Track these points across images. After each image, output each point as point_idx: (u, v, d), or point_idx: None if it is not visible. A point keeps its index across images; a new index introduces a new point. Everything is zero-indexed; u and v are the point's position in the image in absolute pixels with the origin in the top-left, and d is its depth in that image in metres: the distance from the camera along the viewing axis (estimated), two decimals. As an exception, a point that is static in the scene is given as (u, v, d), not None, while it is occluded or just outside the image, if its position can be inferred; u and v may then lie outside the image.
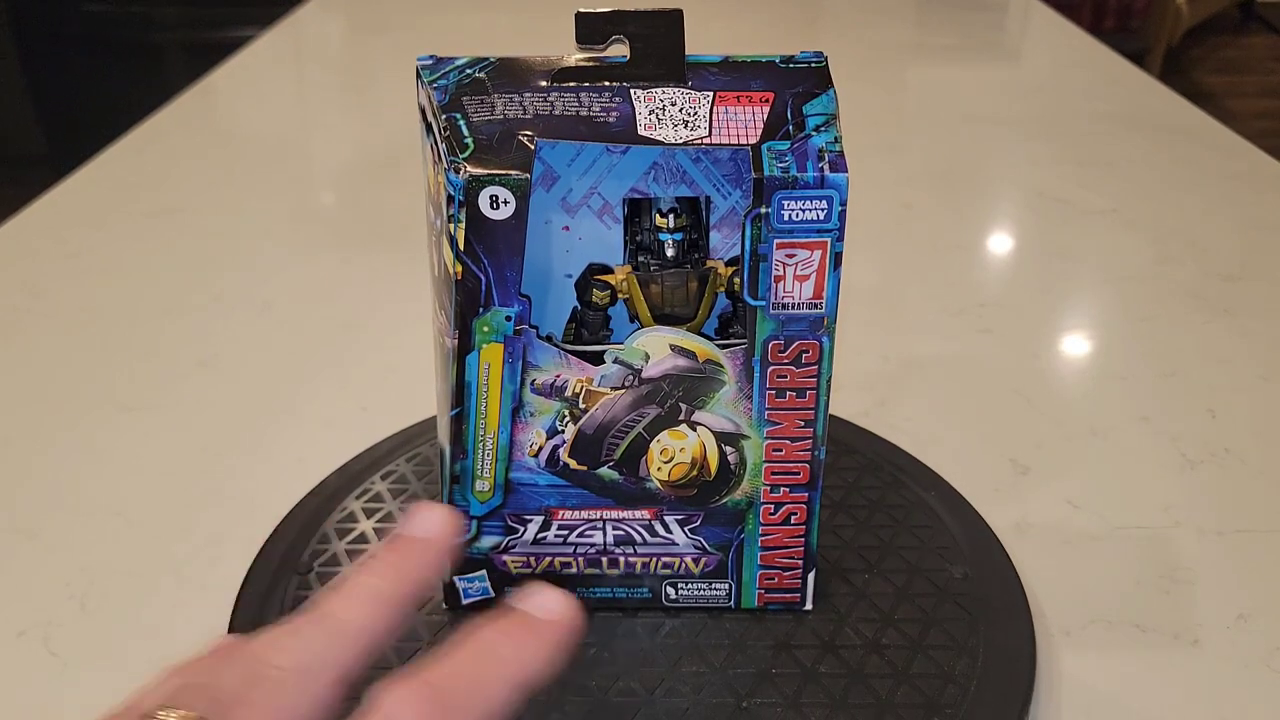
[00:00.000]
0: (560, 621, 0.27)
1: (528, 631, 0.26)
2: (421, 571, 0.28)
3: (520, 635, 0.26)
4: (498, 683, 0.25)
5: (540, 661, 0.26)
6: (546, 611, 0.27)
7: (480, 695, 0.25)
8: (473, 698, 0.24)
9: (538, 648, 0.26)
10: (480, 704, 0.25)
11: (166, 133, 1.04)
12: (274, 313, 0.72)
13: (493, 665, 0.25)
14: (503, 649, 0.26)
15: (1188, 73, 3.38)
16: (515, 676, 0.25)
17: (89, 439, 0.59)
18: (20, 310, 0.72)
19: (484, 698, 0.25)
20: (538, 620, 0.27)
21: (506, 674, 0.25)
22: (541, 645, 0.26)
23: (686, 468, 0.40)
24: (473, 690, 0.25)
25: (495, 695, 0.25)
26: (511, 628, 0.26)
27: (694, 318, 0.39)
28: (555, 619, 0.27)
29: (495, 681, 0.25)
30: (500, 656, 0.26)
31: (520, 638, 0.26)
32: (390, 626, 0.27)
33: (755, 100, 0.37)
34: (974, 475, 0.54)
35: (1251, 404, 0.60)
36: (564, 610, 0.27)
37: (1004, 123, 1.05)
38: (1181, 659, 0.44)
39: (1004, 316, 0.70)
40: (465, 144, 0.35)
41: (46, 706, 0.43)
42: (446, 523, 0.29)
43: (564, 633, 0.27)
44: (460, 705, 0.24)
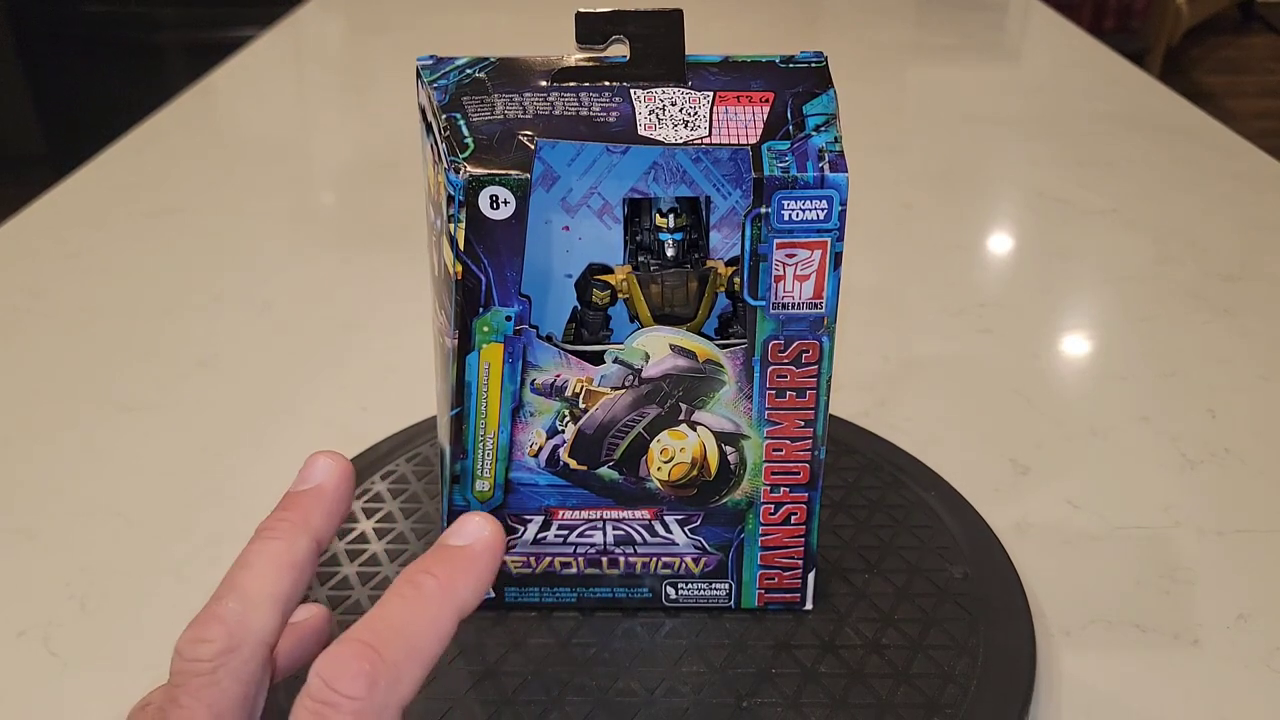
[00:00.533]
0: (479, 544, 0.27)
1: (449, 562, 0.26)
2: (316, 523, 0.28)
3: (443, 567, 0.26)
4: (427, 620, 0.25)
5: (468, 588, 0.26)
6: (466, 538, 0.27)
7: (412, 636, 0.25)
8: (406, 641, 0.25)
9: (463, 576, 0.26)
10: (414, 645, 0.25)
11: (166, 133, 1.04)
12: (274, 313, 0.72)
13: (419, 605, 0.25)
14: (427, 585, 0.26)
15: (1188, 73, 3.38)
16: (444, 611, 0.26)
17: (89, 439, 0.59)
18: (20, 310, 0.72)
19: (416, 638, 0.25)
20: (459, 549, 0.27)
21: (435, 610, 0.25)
22: (466, 572, 0.26)
23: (686, 468, 0.40)
24: (404, 634, 0.25)
25: (427, 633, 0.25)
26: (433, 563, 0.26)
27: (694, 318, 0.39)
28: (475, 543, 0.27)
29: (425, 620, 0.25)
30: (426, 594, 0.26)
31: (443, 570, 0.26)
32: (297, 586, 0.27)
33: (755, 100, 0.37)
34: (974, 475, 0.54)
35: (1251, 404, 0.61)
36: (482, 532, 0.27)
37: (1004, 123, 1.05)
38: (1181, 659, 0.44)
39: (1004, 316, 0.70)
40: (465, 144, 0.35)
41: (46, 706, 0.43)
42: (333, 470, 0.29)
43: (487, 554, 0.27)
44: (395, 652, 0.24)
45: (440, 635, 0.25)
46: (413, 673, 0.24)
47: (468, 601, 0.26)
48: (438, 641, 0.25)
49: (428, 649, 0.25)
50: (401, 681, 0.24)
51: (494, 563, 0.27)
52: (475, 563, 0.27)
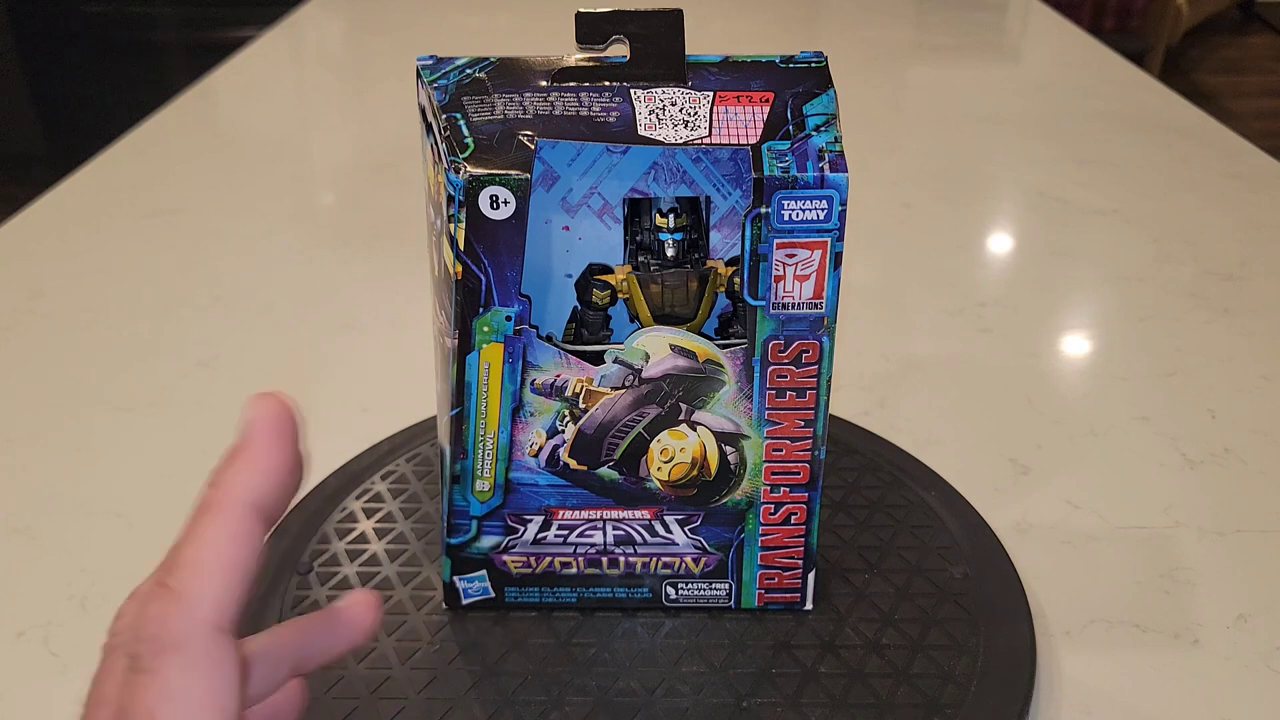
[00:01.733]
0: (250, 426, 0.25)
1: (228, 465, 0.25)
2: None
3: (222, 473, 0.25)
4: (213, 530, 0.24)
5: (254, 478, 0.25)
6: (245, 426, 0.26)
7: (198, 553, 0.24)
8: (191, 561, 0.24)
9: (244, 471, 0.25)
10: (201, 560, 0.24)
11: (166, 133, 1.04)
12: (274, 313, 0.72)
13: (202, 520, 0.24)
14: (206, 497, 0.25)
15: (1188, 73, 3.38)
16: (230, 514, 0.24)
17: (89, 439, 0.59)
18: (20, 310, 0.72)
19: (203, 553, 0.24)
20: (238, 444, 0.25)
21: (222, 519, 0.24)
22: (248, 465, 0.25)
23: (686, 468, 0.40)
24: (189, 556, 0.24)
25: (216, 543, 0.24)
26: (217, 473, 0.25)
27: (694, 318, 0.39)
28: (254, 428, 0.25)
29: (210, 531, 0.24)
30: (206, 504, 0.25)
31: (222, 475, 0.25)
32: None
33: (755, 100, 0.37)
34: (974, 475, 0.54)
35: (1251, 404, 0.60)
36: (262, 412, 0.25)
37: (1004, 122, 1.05)
38: (1181, 659, 0.44)
39: (1004, 316, 0.70)
40: (465, 144, 0.35)
41: (46, 706, 0.43)
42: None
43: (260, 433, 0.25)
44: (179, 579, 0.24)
45: (232, 537, 0.24)
46: (206, 589, 0.23)
47: (255, 490, 0.24)
48: (231, 545, 0.24)
49: (219, 559, 0.24)
50: (197, 602, 0.23)
51: (272, 437, 0.25)
52: (249, 449, 0.25)
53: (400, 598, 0.45)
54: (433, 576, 0.46)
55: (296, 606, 0.44)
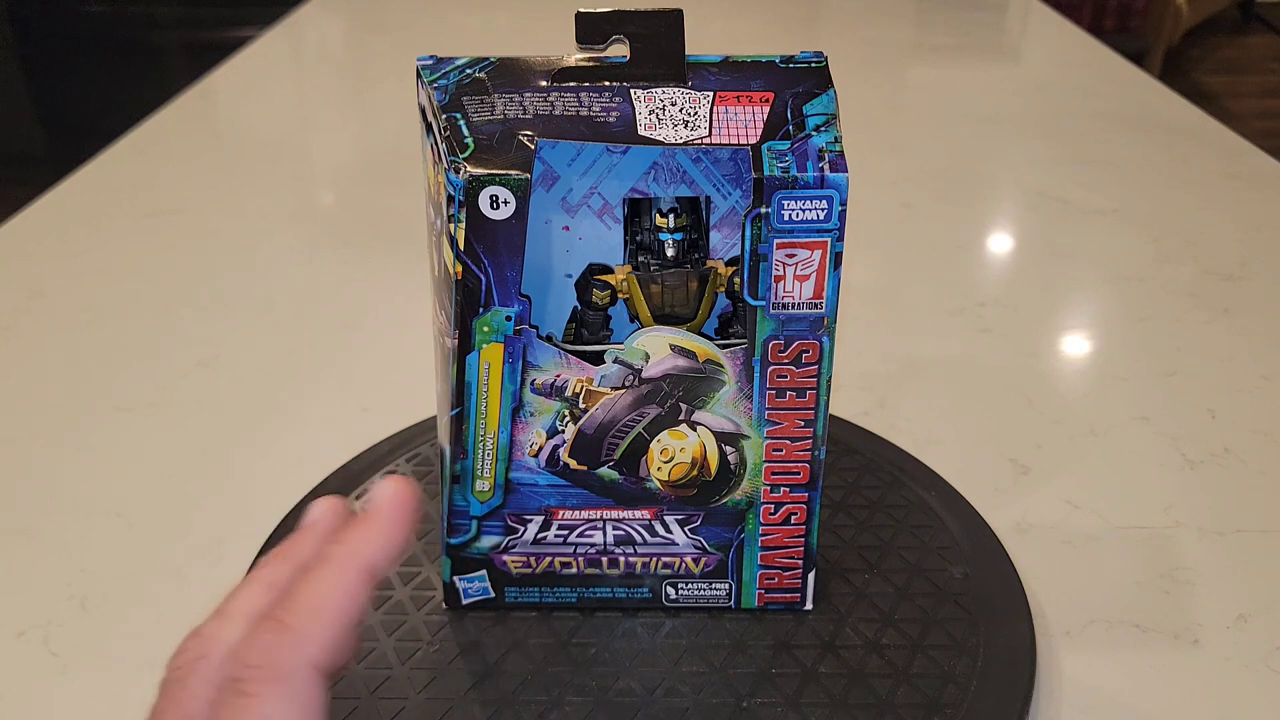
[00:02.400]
0: (381, 502, 0.28)
1: (350, 528, 0.28)
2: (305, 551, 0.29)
3: (345, 533, 0.28)
4: (330, 583, 0.26)
5: (370, 543, 0.28)
6: (376, 501, 0.29)
7: (315, 599, 0.26)
8: (308, 605, 0.26)
9: (363, 534, 0.28)
10: (317, 606, 0.26)
11: (166, 133, 1.04)
12: (274, 313, 0.72)
13: (322, 571, 0.27)
14: (328, 552, 0.27)
15: (1188, 73, 3.38)
16: (347, 570, 0.27)
17: (89, 439, 0.59)
18: (20, 310, 0.72)
19: (319, 599, 0.26)
20: (366, 514, 0.28)
21: (337, 572, 0.27)
22: (367, 530, 0.28)
23: (686, 468, 0.40)
24: (306, 599, 0.26)
25: (331, 593, 0.26)
26: (342, 533, 0.28)
27: (694, 318, 0.39)
28: (377, 503, 0.28)
29: (328, 583, 0.26)
30: (328, 559, 0.27)
31: (345, 534, 0.28)
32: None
33: (755, 100, 0.37)
34: (974, 475, 0.54)
35: (1251, 404, 0.60)
36: (384, 491, 0.29)
37: (1004, 122, 1.04)
38: (1181, 659, 0.44)
39: (1004, 316, 0.70)
40: (465, 144, 0.35)
41: (46, 706, 0.43)
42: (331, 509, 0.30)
43: (388, 508, 0.28)
44: (296, 617, 0.26)
45: (348, 592, 0.26)
46: (320, 632, 0.26)
47: (373, 556, 0.27)
48: (346, 599, 0.26)
49: (334, 607, 0.26)
50: (308, 641, 0.25)
51: (398, 515, 0.28)
52: (377, 520, 0.28)
53: (400, 598, 0.45)
54: (433, 576, 0.46)
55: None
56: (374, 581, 0.27)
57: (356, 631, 0.27)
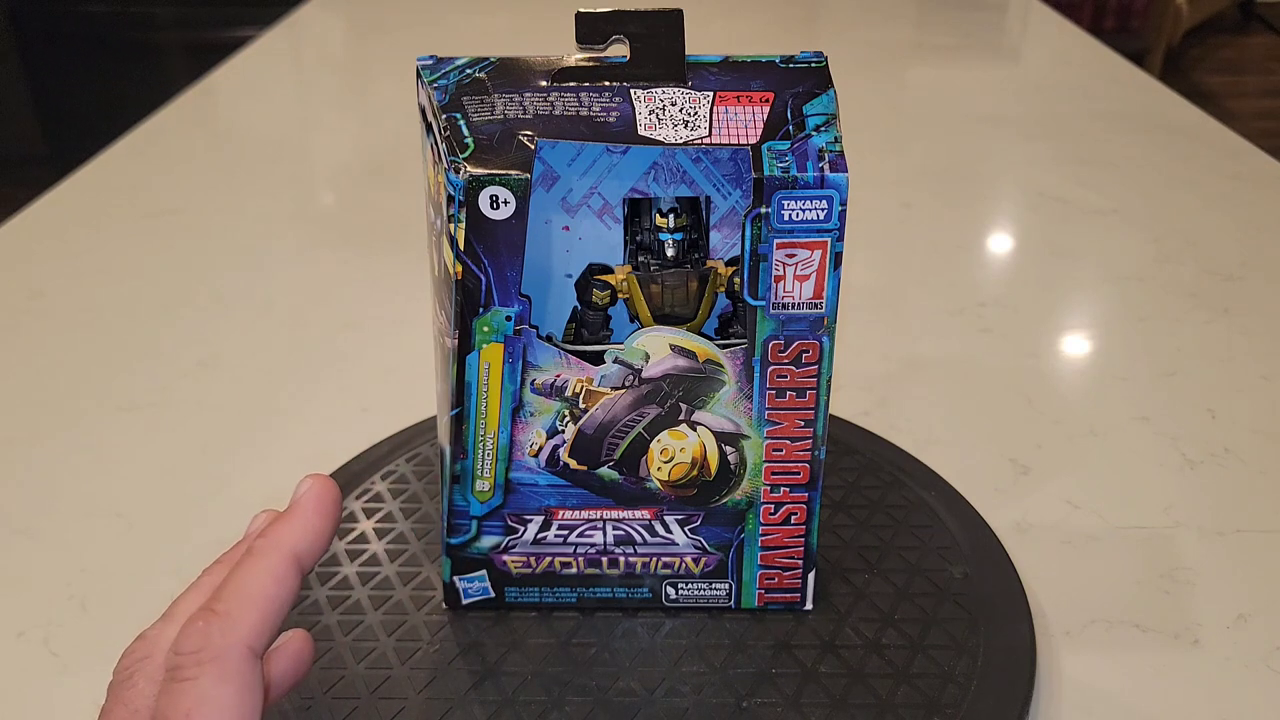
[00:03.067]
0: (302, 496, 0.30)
1: (278, 520, 0.29)
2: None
3: (272, 526, 0.29)
4: (258, 569, 0.28)
5: (294, 532, 0.29)
6: (297, 496, 0.30)
7: (243, 585, 0.27)
8: (236, 591, 0.27)
9: (286, 525, 0.29)
10: (245, 591, 0.27)
11: (166, 133, 1.04)
12: (274, 313, 0.72)
13: (250, 560, 0.28)
14: (255, 544, 0.29)
15: (1188, 73, 3.38)
16: (273, 557, 0.28)
17: (89, 439, 0.59)
18: (20, 310, 0.72)
19: (246, 585, 0.27)
20: (290, 507, 0.30)
21: (264, 560, 0.28)
22: (289, 521, 0.29)
23: (686, 468, 0.40)
24: (235, 586, 0.27)
25: (259, 579, 0.28)
26: (269, 527, 0.29)
27: (694, 318, 0.39)
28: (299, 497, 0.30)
29: (255, 569, 0.28)
30: (255, 550, 0.28)
31: (272, 528, 0.29)
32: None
33: (755, 100, 0.37)
34: (974, 475, 0.54)
35: (1251, 404, 0.60)
36: (312, 487, 0.30)
37: (1004, 122, 1.05)
38: (1181, 659, 0.44)
39: (1004, 316, 0.70)
40: (465, 144, 0.35)
41: (46, 706, 0.43)
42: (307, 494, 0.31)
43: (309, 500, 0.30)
44: (226, 603, 0.27)
45: (274, 577, 0.28)
46: (248, 614, 0.27)
47: (297, 543, 0.29)
48: (273, 583, 0.28)
49: (261, 591, 0.27)
50: (237, 623, 0.27)
51: (320, 505, 0.30)
52: (298, 510, 0.30)
53: (400, 598, 0.45)
54: (433, 576, 0.46)
55: (296, 606, 0.44)
56: (299, 567, 0.28)
57: (286, 614, 0.28)
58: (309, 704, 0.40)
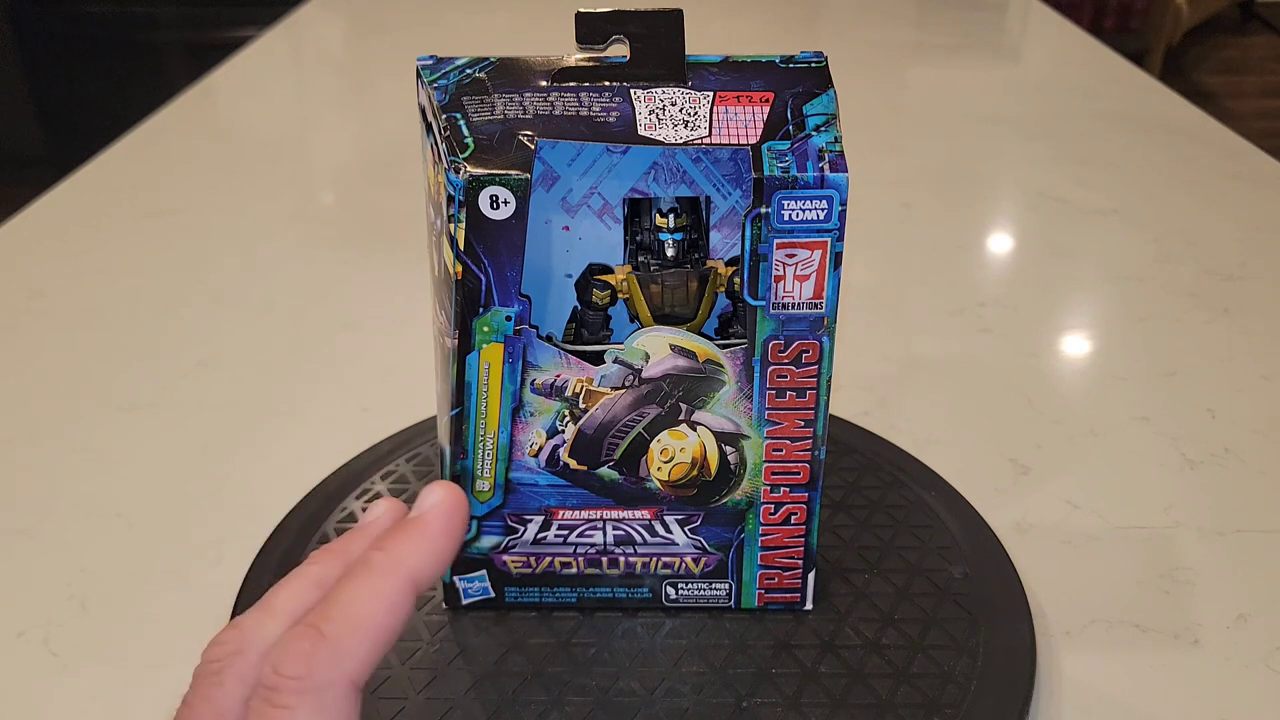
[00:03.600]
0: (431, 510, 0.27)
1: (398, 534, 0.27)
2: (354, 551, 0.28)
3: (392, 539, 0.27)
4: (374, 593, 0.25)
5: (419, 554, 0.26)
6: (421, 508, 0.27)
7: (356, 610, 0.25)
8: (349, 616, 0.25)
9: (411, 544, 0.26)
10: (359, 618, 0.25)
11: (166, 133, 1.04)
12: (274, 313, 0.72)
13: (365, 579, 0.26)
14: (374, 560, 0.26)
15: (1188, 73, 3.38)
16: (392, 581, 0.26)
17: (89, 439, 0.59)
18: (20, 310, 0.72)
19: (361, 611, 0.25)
20: (409, 520, 0.27)
21: (381, 582, 0.26)
22: (415, 540, 0.27)
23: (686, 468, 0.40)
24: (348, 609, 0.25)
25: (374, 605, 0.25)
26: (384, 537, 0.27)
27: (694, 318, 0.39)
28: (427, 510, 0.27)
29: (371, 593, 0.25)
30: (373, 567, 0.26)
31: (392, 541, 0.26)
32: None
33: (755, 100, 0.37)
34: (974, 475, 0.54)
35: (1251, 404, 0.60)
36: (432, 497, 0.27)
37: (1004, 122, 1.05)
38: (1181, 659, 0.44)
39: (1004, 316, 0.70)
40: (465, 144, 0.35)
41: (46, 706, 0.43)
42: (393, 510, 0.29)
43: (440, 519, 0.27)
44: (336, 628, 0.25)
45: (391, 605, 0.25)
46: (359, 646, 0.25)
47: (419, 568, 0.26)
48: (388, 612, 0.25)
49: (375, 620, 0.25)
50: (346, 655, 0.24)
51: (449, 525, 0.27)
52: (426, 529, 0.27)
53: (400, 598, 0.45)
54: (433, 576, 0.46)
55: (296, 606, 0.44)
56: (418, 593, 0.26)
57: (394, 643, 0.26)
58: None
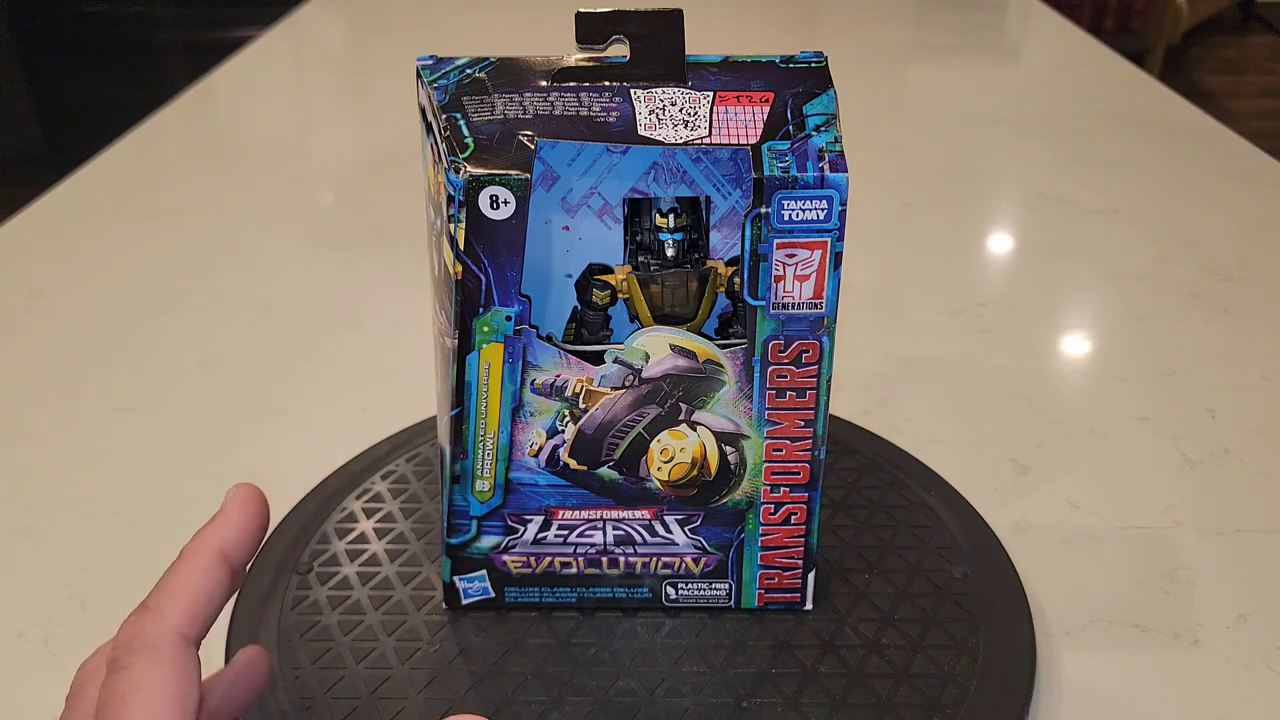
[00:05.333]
0: (233, 500, 0.31)
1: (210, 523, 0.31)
2: None
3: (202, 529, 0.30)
4: (185, 565, 0.29)
5: (220, 529, 0.30)
6: (224, 502, 0.31)
7: (170, 579, 0.29)
8: (165, 584, 0.29)
9: (212, 525, 0.30)
10: (172, 584, 0.29)
11: (166, 133, 1.04)
12: (274, 313, 0.72)
13: (180, 558, 0.30)
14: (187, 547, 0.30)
15: (1188, 73, 3.38)
16: (201, 553, 0.29)
17: (89, 439, 0.59)
18: (20, 310, 0.72)
19: (173, 578, 0.29)
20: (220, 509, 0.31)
21: (192, 558, 0.29)
22: (215, 521, 0.30)
23: (686, 468, 0.40)
24: (164, 581, 0.29)
25: (185, 572, 0.29)
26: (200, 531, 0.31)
27: (694, 318, 0.39)
28: (230, 501, 0.31)
29: (183, 565, 0.29)
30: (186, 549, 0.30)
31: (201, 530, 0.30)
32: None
33: (755, 100, 0.37)
34: (974, 475, 0.54)
35: (1251, 404, 0.61)
36: (238, 492, 0.31)
37: (1004, 122, 1.05)
38: (1181, 659, 0.44)
39: (1004, 316, 0.70)
40: (465, 144, 0.35)
41: (46, 706, 0.43)
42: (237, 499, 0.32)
43: (233, 502, 0.31)
44: (155, 597, 0.28)
45: (199, 569, 0.29)
46: (176, 604, 0.28)
47: (224, 540, 0.30)
48: (199, 574, 0.29)
49: (187, 583, 0.29)
50: (167, 613, 0.28)
51: (242, 506, 0.31)
52: (225, 513, 0.31)
53: (400, 598, 0.45)
54: (433, 576, 0.46)
55: (296, 606, 0.44)
56: (226, 560, 0.29)
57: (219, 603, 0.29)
58: (309, 704, 0.40)
